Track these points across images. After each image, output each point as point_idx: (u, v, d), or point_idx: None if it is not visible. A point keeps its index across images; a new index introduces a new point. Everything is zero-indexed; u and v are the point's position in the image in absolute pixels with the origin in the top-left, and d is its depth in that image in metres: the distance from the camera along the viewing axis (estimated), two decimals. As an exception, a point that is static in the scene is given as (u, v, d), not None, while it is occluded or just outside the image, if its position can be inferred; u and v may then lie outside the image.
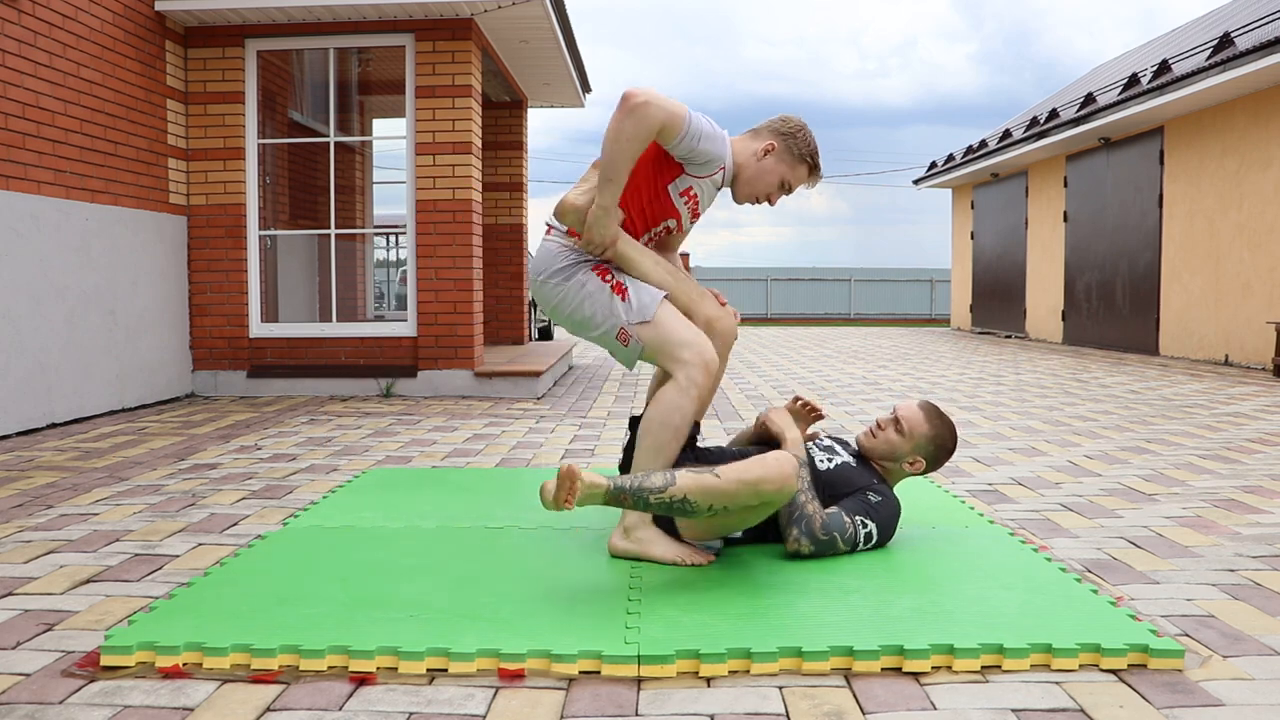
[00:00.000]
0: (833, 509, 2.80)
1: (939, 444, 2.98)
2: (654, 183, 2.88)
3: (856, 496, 2.87)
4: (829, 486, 2.87)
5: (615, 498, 2.46)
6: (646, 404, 2.91)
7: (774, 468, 2.52)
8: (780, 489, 2.53)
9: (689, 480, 2.49)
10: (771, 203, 3.04)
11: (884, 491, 2.91)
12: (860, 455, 3.03)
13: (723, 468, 2.54)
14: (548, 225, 2.98)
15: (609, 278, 2.87)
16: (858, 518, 2.81)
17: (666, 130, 2.73)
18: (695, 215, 2.99)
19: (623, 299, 2.84)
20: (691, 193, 2.91)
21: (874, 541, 2.83)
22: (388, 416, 6.16)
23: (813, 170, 3.00)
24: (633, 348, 2.85)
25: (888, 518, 2.86)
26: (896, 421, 2.97)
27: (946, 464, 3.21)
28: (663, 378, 2.92)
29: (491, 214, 10.11)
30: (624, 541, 2.81)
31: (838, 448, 3.04)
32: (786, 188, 3.01)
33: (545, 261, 2.92)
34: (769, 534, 2.86)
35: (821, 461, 2.94)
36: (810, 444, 3.03)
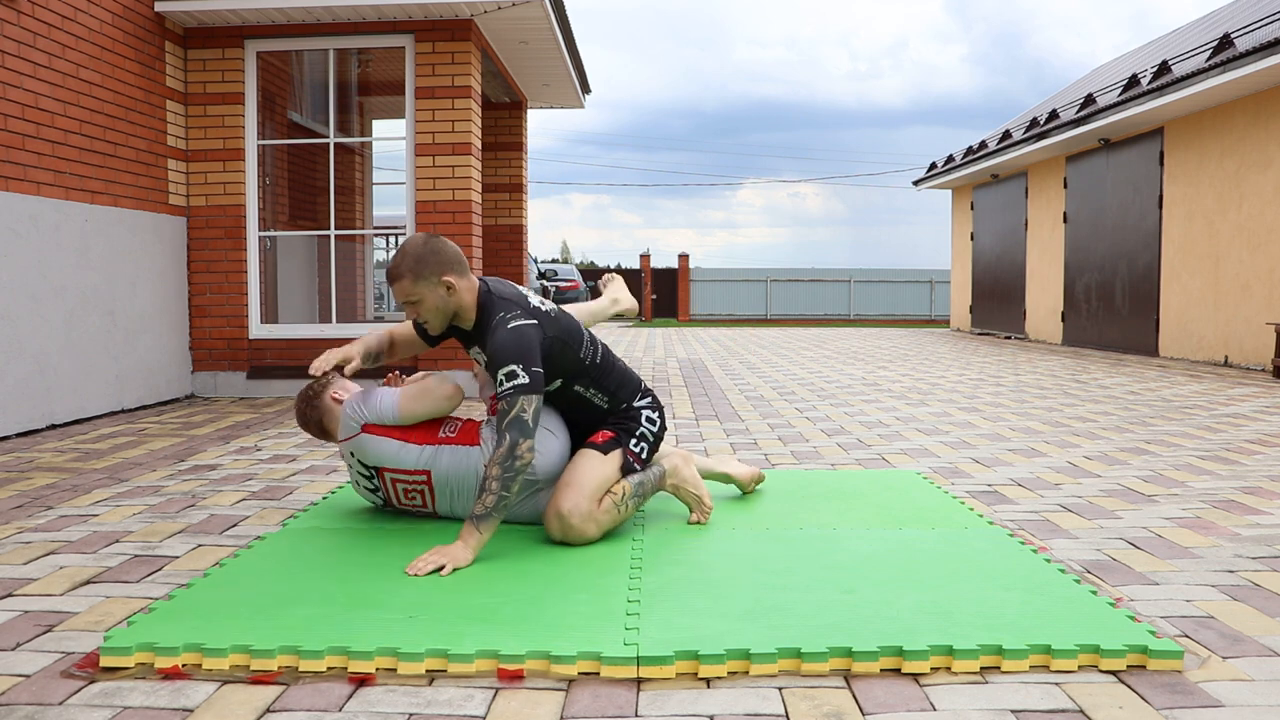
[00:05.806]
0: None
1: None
2: None
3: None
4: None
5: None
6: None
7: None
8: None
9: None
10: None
11: (515, 323, 2.91)
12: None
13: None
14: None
15: None
16: (509, 368, 2.81)
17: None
18: None
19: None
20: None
21: (519, 381, 2.80)
22: (387, 417, 6.15)
23: None
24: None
25: (524, 347, 2.84)
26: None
27: (946, 466, 3.20)
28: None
29: (491, 215, 10.11)
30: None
31: None
32: None
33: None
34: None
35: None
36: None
